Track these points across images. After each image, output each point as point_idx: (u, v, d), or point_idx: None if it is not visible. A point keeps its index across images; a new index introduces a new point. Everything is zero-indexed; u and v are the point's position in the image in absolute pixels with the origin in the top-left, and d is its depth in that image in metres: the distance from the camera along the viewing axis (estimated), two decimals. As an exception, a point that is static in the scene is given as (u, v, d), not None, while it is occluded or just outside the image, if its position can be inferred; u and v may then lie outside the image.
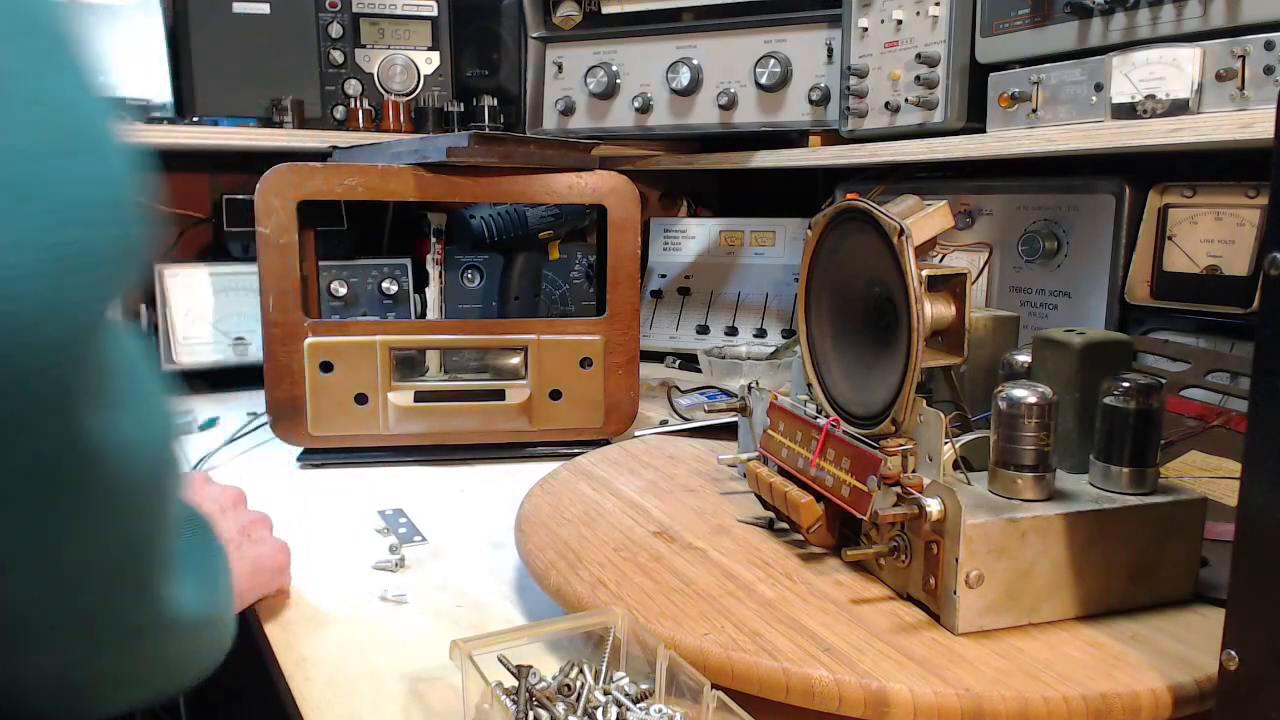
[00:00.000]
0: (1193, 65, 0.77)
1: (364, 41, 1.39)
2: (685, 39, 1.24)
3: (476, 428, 1.00)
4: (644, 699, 0.48)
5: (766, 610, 0.57)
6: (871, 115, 1.07)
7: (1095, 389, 0.59)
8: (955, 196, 1.12)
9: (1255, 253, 0.87)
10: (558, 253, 1.49)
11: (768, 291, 1.48)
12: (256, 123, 1.31)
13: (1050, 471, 0.57)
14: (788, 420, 0.72)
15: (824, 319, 0.71)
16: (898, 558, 0.58)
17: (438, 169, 0.97)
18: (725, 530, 0.71)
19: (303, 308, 0.96)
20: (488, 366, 1.08)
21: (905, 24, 1.02)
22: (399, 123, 1.39)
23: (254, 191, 0.94)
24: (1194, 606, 0.58)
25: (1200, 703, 0.48)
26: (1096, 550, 0.55)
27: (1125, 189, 0.97)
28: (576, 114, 1.32)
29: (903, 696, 0.48)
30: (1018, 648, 0.53)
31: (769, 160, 1.22)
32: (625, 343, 1.02)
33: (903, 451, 0.60)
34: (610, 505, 0.76)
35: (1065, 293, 1.03)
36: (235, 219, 1.38)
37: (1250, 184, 0.89)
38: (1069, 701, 0.47)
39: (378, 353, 0.97)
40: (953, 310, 0.61)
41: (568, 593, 0.60)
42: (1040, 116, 0.90)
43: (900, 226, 0.60)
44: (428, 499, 0.88)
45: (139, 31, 1.28)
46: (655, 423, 1.10)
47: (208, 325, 1.32)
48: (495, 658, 0.49)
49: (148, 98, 1.29)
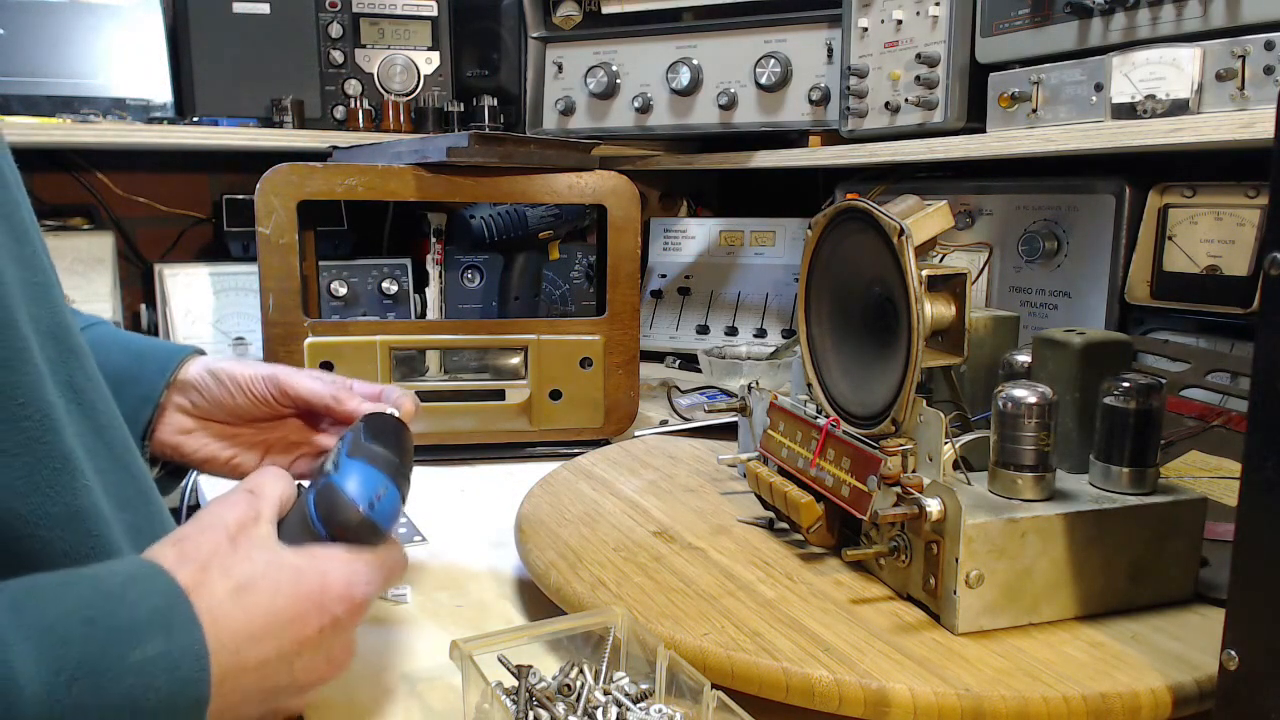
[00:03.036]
0: (1193, 65, 0.77)
1: (364, 41, 1.39)
2: (685, 39, 1.24)
3: (476, 428, 1.00)
4: (644, 699, 0.48)
5: (766, 610, 0.57)
6: (871, 115, 1.07)
7: (1095, 389, 0.59)
8: (955, 196, 1.12)
9: (1255, 253, 0.87)
10: (558, 253, 1.49)
11: (768, 291, 1.48)
12: (256, 123, 1.31)
13: (1050, 471, 0.57)
14: (788, 420, 0.72)
15: (824, 319, 0.71)
16: (898, 558, 0.58)
17: (438, 169, 0.97)
18: (725, 530, 0.71)
19: (303, 308, 0.96)
20: (488, 366, 1.08)
21: (905, 24, 1.02)
22: (399, 123, 1.39)
23: (254, 191, 0.94)
24: (1194, 606, 0.58)
25: (1200, 703, 0.48)
26: (1096, 550, 0.55)
27: (1125, 189, 0.97)
28: (576, 114, 1.32)
29: (903, 696, 0.48)
30: (1018, 648, 0.53)
31: (769, 160, 1.22)
32: (625, 343, 1.02)
33: (903, 451, 0.60)
34: (610, 505, 0.76)
35: (1065, 293, 1.03)
36: (235, 219, 1.38)
37: (1250, 184, 0.89)
38: (1069, 701, 0.47)
39: (378, 353, 0.97)
40: (953, 310, 0.61)
41: (568, 593, 0.60)
42: (1040, 116, 0.90)
43: (900, 226, 0.60)
44: (428, 499, 0.88)
45: (139, 31, 1.28)
46: (655, 423, 1.10)
47: (208, 325, 1.32)
48: (495, 658, 0.49)
49: (148, 98, 1.29)
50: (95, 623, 0.38)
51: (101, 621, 0.38)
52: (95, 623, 0.38)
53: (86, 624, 0.37)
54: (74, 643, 0.37)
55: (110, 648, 0.37)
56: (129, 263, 1.43)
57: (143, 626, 0.38)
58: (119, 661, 0.37)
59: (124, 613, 0.38)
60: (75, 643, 0.37)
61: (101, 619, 0.38)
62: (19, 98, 1.21)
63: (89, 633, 0.37)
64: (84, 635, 0.37)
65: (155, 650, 0.38)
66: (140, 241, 1.44)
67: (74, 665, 0.36)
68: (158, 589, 0.41)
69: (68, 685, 0.35)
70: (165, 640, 0.39)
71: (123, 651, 0.37)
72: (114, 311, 1.28)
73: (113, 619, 0.38)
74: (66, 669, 0.36)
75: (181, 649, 0.39)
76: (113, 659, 0.37)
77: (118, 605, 0.39)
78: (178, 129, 1.24)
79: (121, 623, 0.38)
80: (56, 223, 1.31)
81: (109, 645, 0.37)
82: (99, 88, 1.26)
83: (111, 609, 0.38)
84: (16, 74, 1.22)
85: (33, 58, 1.23)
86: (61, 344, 0.46)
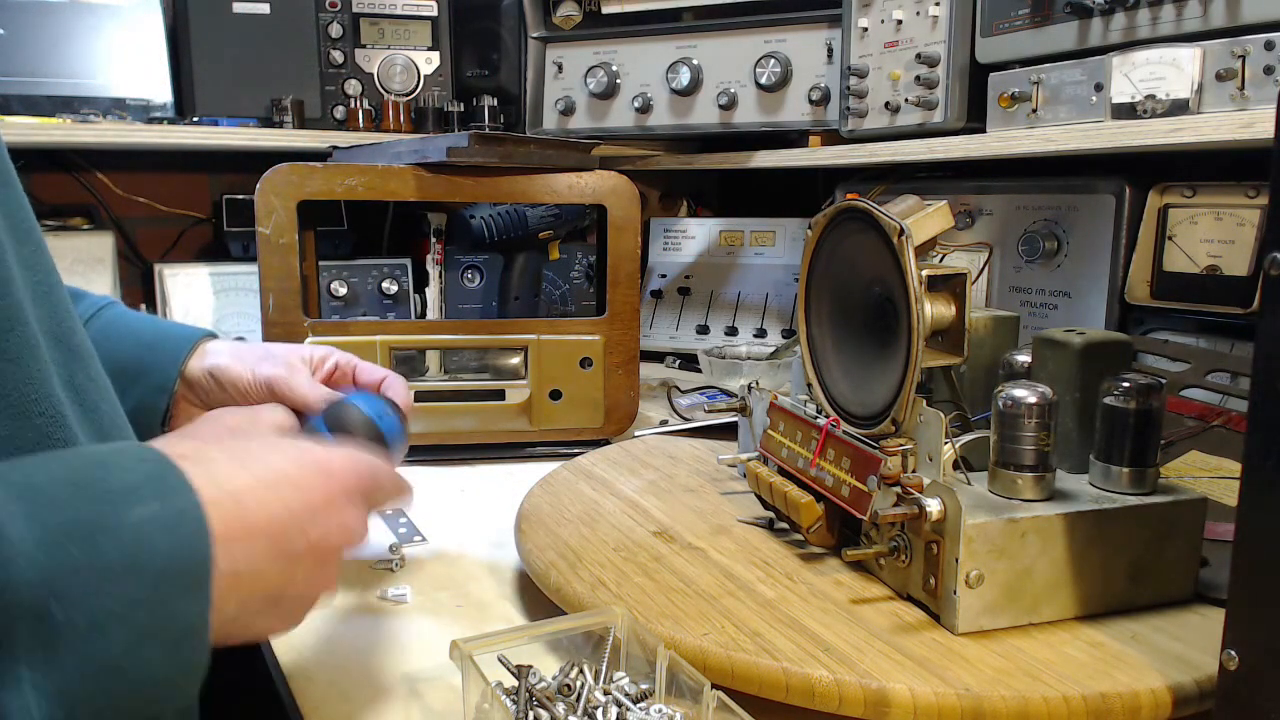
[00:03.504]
0: (1193, 65, 0.77)
1: (364, 41, 1.39)
2: (685, 39, 1.24)
3: (476, 428, 1.00)
4: (644, 699, 0.48)
5: (766, 610, 0.57)
6: (871, 115, 1.07)
7: (1095, 389, 0.59)
8: (955, 196, 1.11)
9: (1255, 253, 0.87)
10: (558, 253, 1.49)
11: (768, 291, 1.48)
12: (256, 123, 1.31)
13: (1050, 471, 0.57)
14: (788, 420, 0.72)
15: (824, 319, 0.71)
16: (898, 558, 0.58)
17: (438, 169, 0.97)
18: (725, 530, 0.71)
19: (303, 308, 0.96)
20: (488, 366, 1.08)
21: (905, 24, 1.02)
22: (399, 123, 1.39)
23: (254, 191, 0.94)
24: (1194, 606, 0.58)
25: (1200, 703, 0.48)
26: (1096, 550, 0.55)
27: (1125, 189, 0.97)
28: (576, 114, 1.32)
29: (903, 696, 0.48)
30: (1018, 648, 0.53)
31: (769, 160, 1.22)
32: (625, 343, 1.02)
33: (903, 451, 0.60)
34: (610, 505, 0.76)
35: (1065, 293, 1.03)
36: (235, 219, 1.38)
37: (1250, 184, 0.89)
38: (1069, 701, 0.47)
39: (378, 353, 0.97)
40: (953, 310, 0.61)
41: (568, 593, 0.60)
42: (1040, 116, 0.90)
43: (900, 226, 0.60)
44: (428, 499, 0.88)
45: (139, 31, 1.28)
46: (655, 423, 1.10)
47: (208, 325, 1.32)
48: (495, 658, 0.49)
49: (148, 98, 1.29)
50: (84, 486, 0.36)
51: (91, 486, 0.36)
52: (84, 486, 0.36)
53: (75, 487, 0.35)
54: (64, 505, 0.35)
55: (102, 508, 0.35)
56: (129, 263, 1.43)
57: (133, 490, 0.36)
58: (113, 520, 0.35)
59: (113, 478, 0.36)
60: (65, 505, 0.35)
61: (90, 484, 0.36)
62: (19, 98, 1.21)
63: (78, 494, 0.35)
64: (73, 496, 0.35)
65: (149, 512, 0.36)
66: (140, 241, 1.44)
67: (68, 524, 0.34)
68: (147, 457, 0.39)
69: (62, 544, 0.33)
70: (159, 503, 0.37)
71: (116, 511, 0.35)
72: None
73: (103, 484, 0.36)
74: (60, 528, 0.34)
75: (178, 511, 0.37)
76: (106, 518, 0.35)
77: (106, 472, 0.37)
78: (178, 129, 1.24)
79: (112, 487, 0.36)
80: (56, 223, 1.31)
81: (101, 506, 0.35)
82: (99, 88, 1.26)
83: (100, 476, 0.36)
84: (16, 74, 1.22)
85: (33, 58, 1.23)
86: (64, 345, 0.46)
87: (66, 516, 0.34)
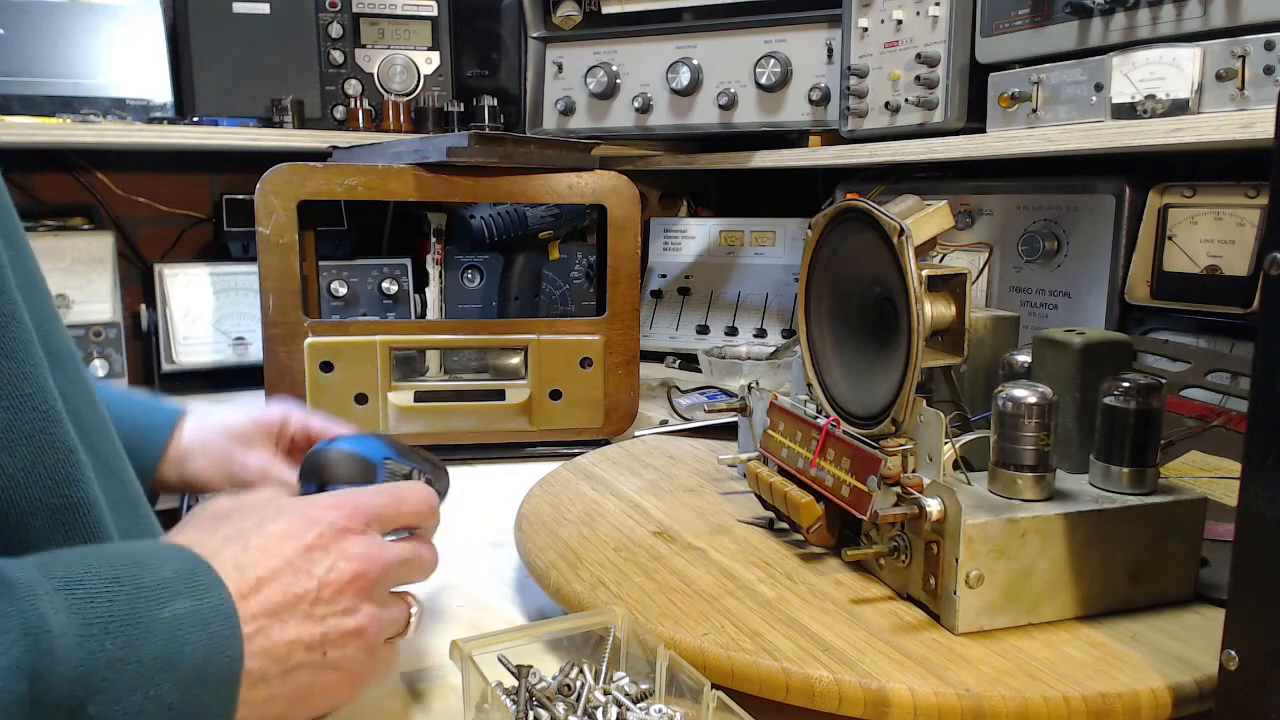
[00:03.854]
0: (1193, 65, 0.77)
1: (364, 41, 1.39)
2: (685, 39, 1.24)
3: (476, 428, 1.00)
4: (644, 699, 0.48)
5: (766, 610, 0.57)
6: (871, 115, 1.07)
7: (1095, 389, 0.59)
8: (955, 196, 1.11)
9: (1255, 253, 0.87)
10: (558, 253, 1.49)
11: (768, 291, 1.48)
12: (256, 123, 1.31)
13: (1050, 471, 0.57)
14: (788, 420, 0.72)
15: (824, 319, 0.71)
16: (898, 558, 0.58)
17: (438, 169, 0.97)
18: (725, 530, 0.71)
19: (303, 308, 0.96)
20: (488, 366, 1.08)
21: (905, 24, 1.02)
22: (399, 123, 1.40)
23: (254, 191, 0.94)
24: (1194, 606, 0.58)
25: (1200, 703, 0.48)
26: (1096, 550, 0.55)
27: (1125, 189, 0.97)
28: (576, 114, 1.32)
29: (903, 696, 0.48)
30: (1018, 648, 0.53)
31: (769, 160, 1.22)
32: (625, 343, 1.02)
33: (903, 451, 0.60)
34: (610, 505, 0.76)
35: (1065, 293, 1.03)
36: (235, 219, 1.38)
37: (1250, 184, 0.89)
38: (1069, 701, 0.47)
39: (378, 353, 0.97)
40: (953, 310, 0.61)
41: (568, 593, 0.60)
42: (1040, 116, 0.90)
43: (900, 226, 0.60)
44: (428, 499, 0.88)
45: (139, 31, 1.28)
46: (655, 423, 1.10)
47: (208, 325, 1.32)
48: (495, 658, 0.49)
49: (148, 98, 1.29)
50: (122, 582, 0.37)
51: (128, 581, 0.37)
52: (122, 582, 0.37)
53: (114, 583, 0.37)
54: (102, 600, 0.36)
55: (139, 604, 0.37)
56: (129, 263, 1.43)
57: (168, 586, 0.38)
58: (150, 617, 0.37)
59: (148, 575, 0.38)
60: (103, 600, 0.36)
61: (127, 579, 0.38)
62: (19, 98, 1.21)
63: (117, 590, 0.37)
64: (112, 592, 0.37)
65: (184, 608, 0.38)
66: (140, 241, 1.44)
67: (106, 618, 0.36)
68: (176, 555, 0.41)
69: (101, 637, 0.35)
70: (193, 600, 0.38)
71: (153, 608, 0.37)
72: (114, 312, 1.28)
73: (138, 580, 0.38)
74: (100, 621, 0.35)
75: (210, 606, 0.39)
76: (143, 614, 0.37)
77: (140, 569, 0.38)
78: (178, 129, 1.24)
79: (147, 583, 0.38)
80: (56, 223, 1.31)
81: (138, 602, 0.37)
82: (99, 88, 1.26)
83: (135, 572, 0.38)
84: (16, 74, 1.22)
85: (33, 58, 1.23)
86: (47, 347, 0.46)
87: (105, 610, 0.36)
